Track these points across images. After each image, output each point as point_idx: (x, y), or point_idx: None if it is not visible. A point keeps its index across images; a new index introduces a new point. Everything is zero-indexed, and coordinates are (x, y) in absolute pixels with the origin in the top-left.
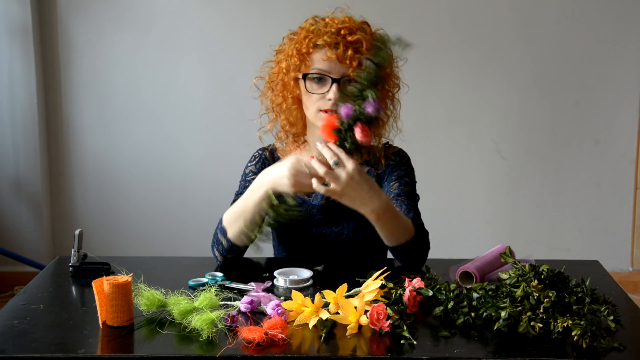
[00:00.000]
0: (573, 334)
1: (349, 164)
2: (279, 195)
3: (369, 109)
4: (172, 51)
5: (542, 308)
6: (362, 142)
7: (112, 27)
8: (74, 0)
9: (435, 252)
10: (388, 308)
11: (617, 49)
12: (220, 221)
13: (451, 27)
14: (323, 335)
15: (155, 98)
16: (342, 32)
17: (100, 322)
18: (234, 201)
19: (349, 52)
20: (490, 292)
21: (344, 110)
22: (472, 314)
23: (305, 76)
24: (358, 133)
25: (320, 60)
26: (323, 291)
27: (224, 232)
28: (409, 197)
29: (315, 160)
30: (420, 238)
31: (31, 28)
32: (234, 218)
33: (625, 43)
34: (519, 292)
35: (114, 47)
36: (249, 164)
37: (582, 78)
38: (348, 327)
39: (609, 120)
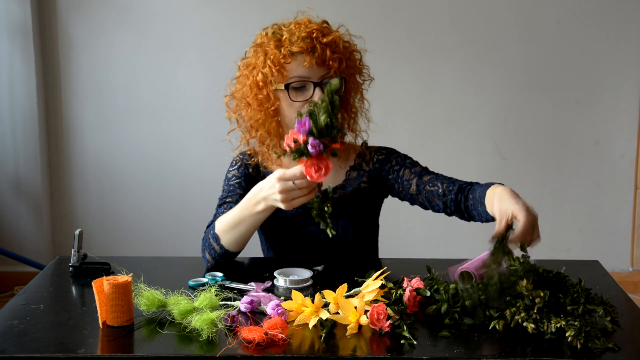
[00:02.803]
0: (567, 334)
1: (521, 214)
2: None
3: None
4: (172, 51)
5: (536, 309)
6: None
7: (112, 27)
8: (74, 0)
9: (435, 252)
10: (388, 308)
11: (617, 49)
12: (213, 227)
13: (451, 27)
14: (323, 335)
15: (155, 98)
16: (314, 34)
17: (100, 322)
18: (219, 206)
19: (327, 53)
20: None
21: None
22: (456, 316)
23: (287, 86)
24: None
25: (299, 67)
26: (323, 291)
27: (216, 238)
28: (429, 171)
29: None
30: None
31: (31, 28)
32: (229, 227)
33: (625, 43)
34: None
35: (114, 47)
36: (230, 169)
37: (582, 78)
38: (348, 327)
39: (609, 120)
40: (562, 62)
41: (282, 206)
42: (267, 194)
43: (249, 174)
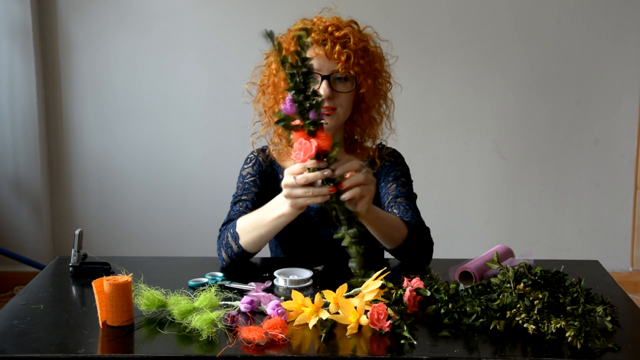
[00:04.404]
0: (567, 334)
1: (370, 173)
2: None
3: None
4: (172, 51)
5: (536, 310)
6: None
7: (112, 27)
8: (74, 0)
9: (435, 252)
10: (389, 308)
11: (617, 49)
12: (234, 226)
13: (451, 27)
14: (323, 335)
15: (155, 98)
16: (330, 29)
17: (100, 322)
18: (234, 203)
19: (337, 47)
20: (480, 289)
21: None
22: (456, 316)
23: None
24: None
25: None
26: (323, 291)
27: (236, 237)
28: (407, 197)
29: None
30: (419, 234)
31: (31, 28)
32: (251, 227)
33: (625, 43)
34: (503, 299)
35: (114, 47)
36: (245, 166)
37: (582, 78)
38: (348, 327)
39: (609, 120)
40: (562, 62)
41: (287, 204)
42: (282, 197)
43: (264, 171)
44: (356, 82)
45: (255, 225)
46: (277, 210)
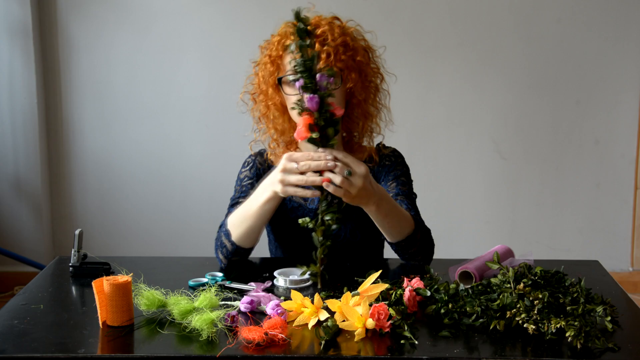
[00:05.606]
0: (567, 334)
1: (361, 168)
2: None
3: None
4: (172, 51)
5: (536, 310)
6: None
7: (112, 27)
8: (74, 0)
9: (435, 252)
10: (390, 309)
11: (617, 49)
12: (224, 224)
13: (451, 27)
14: (323, 343)
15: (155, 98)
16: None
17: (100, 322)
18: (231, 206)
19: (316, 46)
20: (480, 289)
21: (311, 102)
22: (456, 315)
23: (280, 80)
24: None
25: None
26: (327, 301)
27: (227, 234)
28: (407, 196)
29: (320, 178)
30: (422, 233)
31: (31, 28)
32: (239, 221)
33: (625, 43)
34: (503, 299)
35: (114, 47)
36: (242, 170)
37: (582, 78)
38: (355, 333)
39: (609, 120)
40: (562, 62)
41: (278, 188)
42: (272, 177)
43: (261, 175)
44: (342, 78)
45: (243, 218)
46: (262, 196)
